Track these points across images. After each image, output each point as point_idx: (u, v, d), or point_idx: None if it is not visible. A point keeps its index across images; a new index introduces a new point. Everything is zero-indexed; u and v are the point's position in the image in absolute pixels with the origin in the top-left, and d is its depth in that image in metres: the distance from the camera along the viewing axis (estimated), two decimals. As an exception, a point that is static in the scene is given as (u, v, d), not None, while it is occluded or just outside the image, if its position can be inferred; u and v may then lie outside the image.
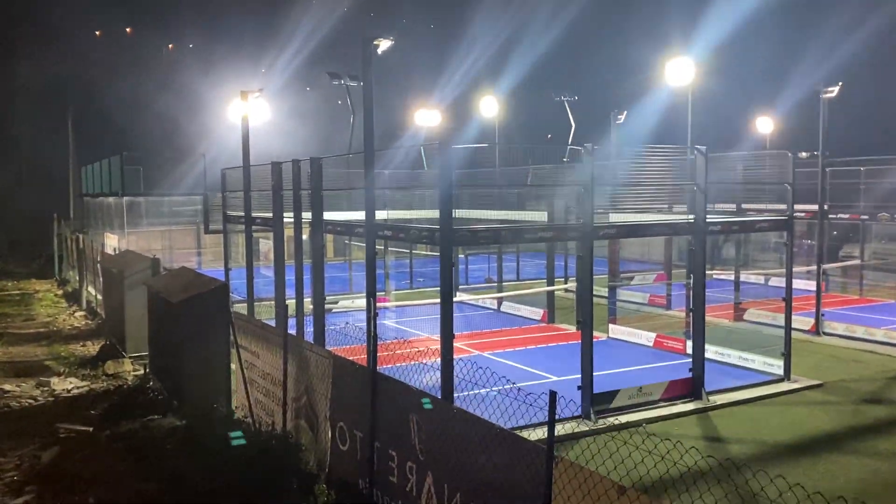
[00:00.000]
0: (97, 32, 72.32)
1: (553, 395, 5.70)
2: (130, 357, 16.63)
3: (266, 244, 23.74)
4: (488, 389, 7.32)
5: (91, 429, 12.05)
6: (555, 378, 15.20)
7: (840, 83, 19.81)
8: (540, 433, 8.17)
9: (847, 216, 22.30)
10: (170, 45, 75.83)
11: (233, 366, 12.27)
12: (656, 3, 58.92)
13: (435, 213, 12.23)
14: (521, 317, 22.52)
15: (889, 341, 17.89)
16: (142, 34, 72.73)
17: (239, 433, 9.13)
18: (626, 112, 29.79)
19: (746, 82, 51.02)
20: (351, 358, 9.13)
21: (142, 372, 15.39)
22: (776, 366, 15.12)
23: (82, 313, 24.23)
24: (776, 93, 44.31)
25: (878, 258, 27.06)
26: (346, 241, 29.36)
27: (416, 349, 8.68)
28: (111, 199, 32.94)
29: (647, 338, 18.35)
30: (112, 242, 27.97)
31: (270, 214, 17.92)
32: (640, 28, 58.67)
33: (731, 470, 5.50)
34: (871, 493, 9.62)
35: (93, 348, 18.53)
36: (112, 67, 61.80)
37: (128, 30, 74.26)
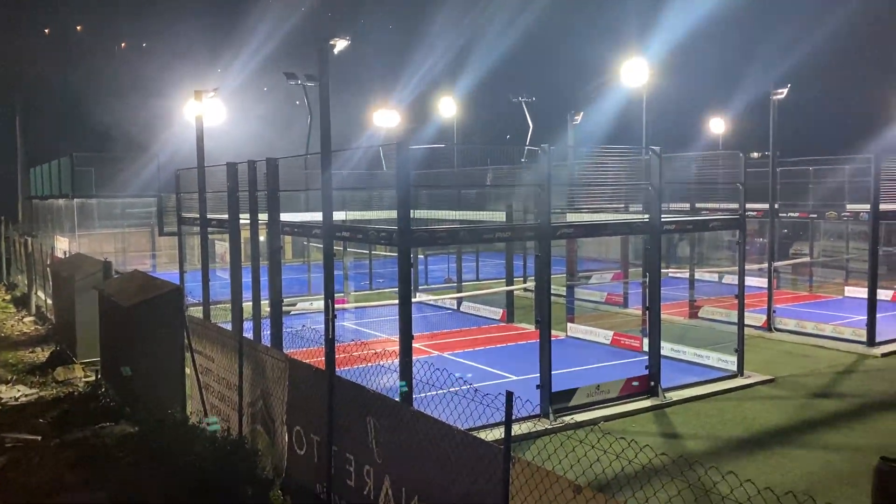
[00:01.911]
0: (46, 30, 70.32)
1: (509, 395, 5.71)
2: (81, 363, 16.21)
3: (222, 246, 23.38)
4: (446, 390, 7.30)
5: (40, 438, 11.69)
6: (514, 377, 15.27)
7: (789, 85, 20.28)
8: (498, 433, 8.18)
9: (796, 214, 22.88)
10: (122, 44, 74.08)
11: (188, 370, 12.04)
12: (612, 5, 59.77)
13: (394, 214, 12.18)
14: (480, 317, 22.58)
15: (837, 336, 18.40)
16: (93, 32, 70.92)
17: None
18: (582, 113, 30.09)
19: (701, 83, 51.99)
20: (309, 360, 9.02)
21: (93, 378, 15.00)
22: (730, 362, 15.42)
23: (31, 318, 23.54)
24: (729, 94, 45.25)
25: (827, 255, 27.83)
26: (305, 243, 29.07)
27: (373, 351, 8.61)
28: (61, 201, 32.07)
29: (604, 336, 18.55)
30: (62, 245, 27.23)
31: (226, 216, 17.64)
32: (597, 30, 59.38)
33: (684, 466, 5.58)
34: (822, 486, 9.88)
35: (42, 354, 18.00)
36: (62, 66, 60.18)
37: (78, 27, 72.34)
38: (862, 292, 18.62)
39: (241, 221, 17.16)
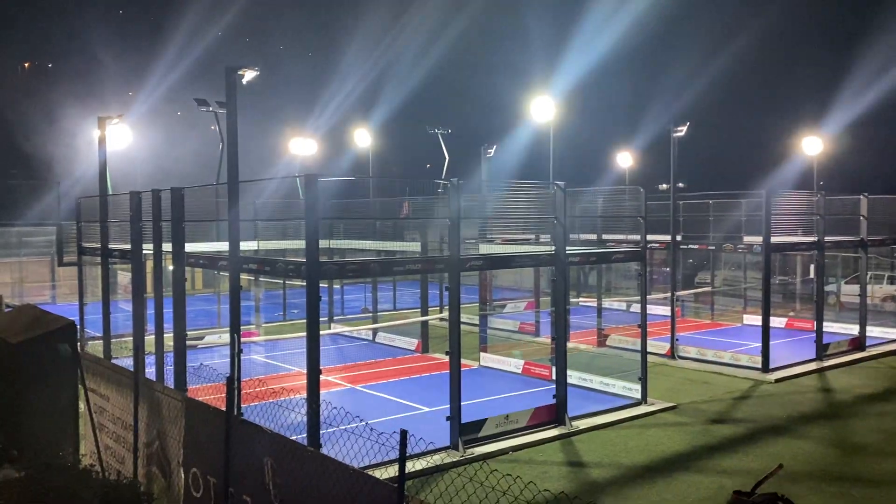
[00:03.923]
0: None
1: (403, 434, 5.70)
2: (-34, 403, 15.17)
3: (125, 276, 22.50)
4: (344, 427, 7.24)
5: (-87, 486, 10.86)
6: (427, 409, 15.24)
7: (688, 123, 21.28)
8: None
9: (696, 246, 23.92)
10: (26, 63, 70.91)
11: (81, 405, 11.48)
12: (523, 45, 61.86)
13: (311, 243, 12.03)
14: (396, 347, 22.48)
15: (735, 363, 19.23)
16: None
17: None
18: (496, 146, 30.69)
19: (610, 119, 54.18)
20: (215, 397, 8.76)
21: (-22, 419, 14.06)
22: (634, 390, 15.86)
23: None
24: (636, 128, 47.30)
25: (728, 284, 29.16)
26: (216, 273, 28.32)
27: (272, 388, 8.46)
28: (-51, 229, 30.21)
29: (515, 365, 18.77)
30: (-49, 276, 25.63)
31: (129, 246, 17.02)
32: (509, 66, 61.13)
33: (586, 498, 5.70)
34: (715, 510, 10.25)
35: (-78, 394, 16.76)
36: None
37: (-23, 45, 68.80)
38: (759, 320, 19.54)
39: (145, 252, 16.59)
